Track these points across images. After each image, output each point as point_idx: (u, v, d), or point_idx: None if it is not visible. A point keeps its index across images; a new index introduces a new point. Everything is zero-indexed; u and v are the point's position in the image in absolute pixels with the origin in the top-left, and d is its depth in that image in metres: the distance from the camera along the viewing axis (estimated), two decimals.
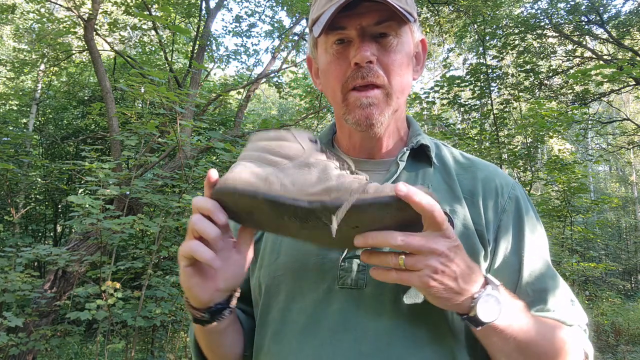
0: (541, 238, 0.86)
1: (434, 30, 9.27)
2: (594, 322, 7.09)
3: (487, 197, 0.84)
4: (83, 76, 9.49)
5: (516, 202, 0.85)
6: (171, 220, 3.84)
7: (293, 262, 0.82)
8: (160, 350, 5.02)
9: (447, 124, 7.43)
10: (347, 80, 0.80)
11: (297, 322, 0.79)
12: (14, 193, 7.24)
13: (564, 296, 0.83)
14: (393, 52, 0.80)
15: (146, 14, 6.38)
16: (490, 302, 0.67)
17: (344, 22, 0.78)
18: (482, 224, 0.81)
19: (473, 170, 0.88)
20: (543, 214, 6.63)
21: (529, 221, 0.84)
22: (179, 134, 4.25)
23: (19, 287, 3.65)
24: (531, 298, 0.80)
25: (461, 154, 0.93)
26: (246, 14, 8.41)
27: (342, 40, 0.80)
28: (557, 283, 0.83)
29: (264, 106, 19.21)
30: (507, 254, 0.82)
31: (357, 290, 0.77)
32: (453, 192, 0.84)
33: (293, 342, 0.78)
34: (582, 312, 0.84)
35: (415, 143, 0.88)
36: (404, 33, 0.82)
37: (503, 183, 0.86)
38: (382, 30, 0.79)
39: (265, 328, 0.84)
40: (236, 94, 8.54)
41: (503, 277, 0.80)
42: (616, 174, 21.61)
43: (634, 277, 15.22)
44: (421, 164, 0.88)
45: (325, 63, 0.83)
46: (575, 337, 0.81)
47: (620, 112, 13.15)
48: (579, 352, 0.80)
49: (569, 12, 8.60)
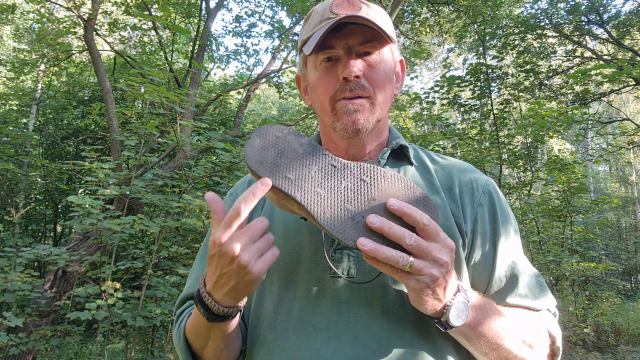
0: (513, 229, 0.92)
1: (434, 30, 9.27)
2: (594, 322, 7.09)
3: (463, 192, 0.91)
4: (83, 76, 9.49)
5: (490, 197, 0.92)
6: (171, 220, 3.84)
7: (286, 254, 0.87)
8: (160, 350, 5.02)
9: (447, 124, 7.43)
10: (335, 93, 0.88)
11: (292, 311, 0.83)
12: (14, 193, 7.25)
13: (534, 282, 0.89)
14: (377, 68, 0.89)
15: (146, 14, 6.38)
16: (460, 308, 0.72)
17: (332, 42, 0.87)
18: (460, 217, 0.88)
19: (450, 168, 0.95)
20: (543, 214, 6.64)
21: (502, 214, 0.91)
22: (179, 134, 4.25)
23: (19, 287, 3.65)
24: (504, 284, 0.87)
25: (437, 155, 1.01)
26: (246, 14, 8.41)
27: (331, 58, 0.88)
28: (528, 269, 0.90)
29: (264, 106, 19.22)
30: (483, 245, 0.88)
31: (348, 279, 0.83)
32: (433, 186, 0.91)
33: (289, 330, 0.82)
34: (550, 297, 0.90)
35: (395, 144, 0.96)
36: (386, 52, 0.91)
37: (478, 179, 0.94)
38: (366, 49, 0.88)
39: (260, 318, 0.88)
40: (236, 94, 8.55)
41: (479, 267, 0.87)
42: (616, 174, 21.62)
43: (634, 277, 15.22)
44: (402, 163, 0.96)
45: (315, 79, 0.91)
46: (541, 321, 0.87)
47: (620, 112, 13.16)
48: (543, 336, 0.85)
49: (569, 12, 8.60)
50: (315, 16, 0.91)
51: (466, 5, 7.75)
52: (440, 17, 8.96)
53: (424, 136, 6.43)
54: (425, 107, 6.77)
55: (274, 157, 0.72)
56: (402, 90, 5.93)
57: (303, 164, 0.72)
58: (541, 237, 6.38)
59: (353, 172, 0.71)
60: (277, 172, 0.71)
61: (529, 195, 7.11)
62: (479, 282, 0.88)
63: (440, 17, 8.96)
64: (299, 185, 0.70)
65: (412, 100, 6.75)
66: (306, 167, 0.71)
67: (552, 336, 0.87)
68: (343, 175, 0.71)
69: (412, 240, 0.66)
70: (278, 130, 0.74)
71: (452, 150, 6.84)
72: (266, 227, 0.71)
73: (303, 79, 1.00)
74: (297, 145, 0.73)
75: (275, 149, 0.72)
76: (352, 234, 0.68)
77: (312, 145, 0.74)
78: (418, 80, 19.26)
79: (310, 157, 0.72)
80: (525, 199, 6.90)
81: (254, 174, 0.71)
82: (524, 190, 6.92)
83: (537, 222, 6.52)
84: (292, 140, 0.73)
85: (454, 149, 6.80)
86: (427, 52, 7.78)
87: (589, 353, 6.29)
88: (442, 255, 0.68)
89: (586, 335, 6.52)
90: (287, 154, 0.72)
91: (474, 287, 0.86)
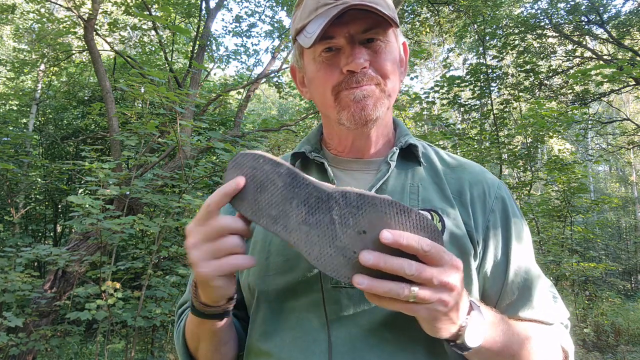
0: (526, 237, 0.87)
1: (434, 30, 9.27)
2: (594, 322, 7.09)
3: (474, 197, 0.85)
4: (83, 76, 9.48)
5: (502, 202, 0.87)
6: (171, 220, 3.84)
7: (284, 262, 0.81)
8: (160, 350, 5.02)
9: (447, 124, 7.43)
10: (339, 84, 0.81)
11: (289, 320, 0.79)
12: (14, 193, 7.24)
13: (547, 294, 0.85)
14: (383, 55, 0.82)
15: (146, 14, 6.38)
16: (476, 328, 0.67)
17: (331, 32, 0.78)
18: (471, 225, 0.82)
19: (460, 171, 0.89)
20: (543, 214, 6.64)
21: (515, 221, 0.86)
22: (179, 134, 4.25)
23: (19, 287, 3.65)
24: (516, 296, 0.82)
25: (447, 154, 0.94)
26: (246, 14, 8.42)
27: (331, 48, 0.81)
28: (541, 281, 0.85)
29: (264, 106, 19.22)
30: (496, 254, 0.83)
31: (350, 288, 0.77)
32: (442, 192, 0.85)
33: (286, 339, 0.78)
34: (563, 309, 0.86)
35: (404, 143, 0.89)
36: (390, 37, 0.83)
37: (490, 183, 0.88)
38: (369, 36, 0.80)
39: (255, 327, 0.84)
40: (236, 94, 8.54)
41: (491, 277, 0.82)
42: (616, 174, 21.61)
43: (634, 277, 15.21)
44: (410, 164, 0.89)
45: (314, 71, 0.84)
46: (554, 336, 0.83)
47: (620, 112, 13.15)
48: (557, 352, 0.82)
49: (569, 12, 8.60)
50: (310, 2, 0.81)
51: (466, 5, 7.74)
52: (440, 17, 8.95)
53: (424, 136, 6.43)
54: (425, 107, 6.77)
55: (254, 193, 0.68)
56: (402, 90, 5.94)
57: (284, 197, 0.67)
58: (541, 237, 6.38)
59: (339, 203, 0.64)
60: (259, 210, 0.67)
61: (529, 195, 7.10)
62: (490, 293, 0.83)
63: (440, 17, 8.96)
64: (283, 224, 0.66)
65: (412, 100, 6.75)
66: (288, 201, 0.66)
67: (565, 351, 0.83)
68: (328, 207, 0.65)
69: (412, 270, 0.59)
70: (253, 159, 0.69)
71: (452, 150, 6.84)
72: (228, 229, 0.67)
73: (299, 70, 0.93)
74: (276, 176, 0.68)
75: (254, 183, 0.68)
76: (345, 271, 0.62)
77: (292, 175, 0.68)
78: (418, 80, 19.25)
79: (291, 190, 0.67)
80: (525, 199, 6.90)
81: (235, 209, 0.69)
82: (524, 190, 6.92)
83: (537, 222, 6.52)
84: (270, 171, 0.68)
85: (454, 149, 6.80)
86: (427, 52, 7.78)
87: (589, 353, 6.29)
88: (449, 278, 0.61)
89: (586, 335, 6.51)
90: (267, 187, 0.68)
91: (485, 298, 0.83)
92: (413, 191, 0.84)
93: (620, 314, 8.30)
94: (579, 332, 6.44)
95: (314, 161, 0.91)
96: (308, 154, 0.91)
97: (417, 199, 0.83)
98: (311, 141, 0.95)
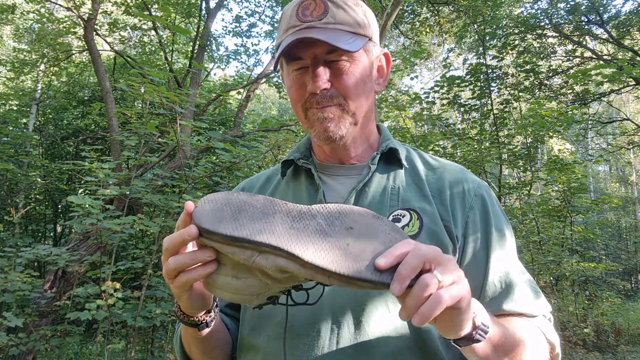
0: (507, 233, 0.90)
1: (434, 30, 9.27)
2: (594, 322, 7.09)
3: (454, 195, 0.89)
4: (83, 76, 9.49)
5: (482, 200, 0.90)
6: (171, 220, 3.84)
7: None
8: (160, 350, 5.02)
9: (447, 124, 7.43)
10: (305, 103, 0.87)
11: (276, 316, 0.82)
12: (14, 193, 7.25)
13: (529, 287, 0.87)
14: (346, 75, 0.85)
15: (146, 14, 6.38)
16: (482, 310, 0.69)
17: (300, 53, 0.84)
18: (450, 221, 0.85)
19: (441, 171, 0.94)
20: (543, 214, 6.64)
21: (495, 217, 0.89)
22: (179, 134, 4.25)
23: (19, 287, 3.65)
24: (498, 290, 0.84)
25: (430, 157, 0.99)
26: (246, 14, 8.41)
27: (300, 67, 0.86)
28: (523, 275, 0.87)
29: (264, 106, 19.23)
30: (475, 249, 0.86)
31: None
32: (422, 191, 0.89)
33: (272, 334, 0.82)
34: (545, 302, 0.89)
35: (385, 147, 0.94)
36: (358, 55, 0.86)
37: (470, 182, 0.91)
38: (333, 58, 0.84)
39: (244, 324, 0.89)
40: (236, 94, 8.54)
41: (472, 271, 0.83)
42: (616, 174, 21.62)
43: (634, 277, 15.22)
44: (393, 167, 0.93)
45: (288, 87, 0.90)
46: (539, 328, 0.84)
47: (620, 112, 13.16)
48: (542, 344, 0.83)
49: (569, 12, 8.61)
50: (284, 21, 0.87)
51: (466, 5, 7.74)
52: (440, 17, 8.96)
53: (424, 136, 6.43)
54: (425, 107, 6.77)
55: (232, 214, 0.63)
56: (402, 90, 5.91)
57: (266, 213, 0.64)
58: (541, 237, 6.38)
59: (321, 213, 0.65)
60: (241, 226, 0.61)
61: (529, 195, 7.10)
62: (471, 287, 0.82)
63: (440, 17, 8.96)
64: (270, 231, 0.61)
65: (412, 100, 6.76)
66: (270, 215, 0.64)
67: (551, 343, 0.85)
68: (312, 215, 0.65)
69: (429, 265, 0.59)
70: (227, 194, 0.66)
71: (452, 150, 6.84)
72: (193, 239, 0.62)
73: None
74: (253, 201, 0.66)
75: (230, 208, 0.64)
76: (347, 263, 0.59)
77: (269, 200, 0.67)
78: (418, 80, 19.26)
79: (271, 207, 0.65)
80: (525, 199, 6.90)
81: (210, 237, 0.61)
82: (524, 190, 6.92)
83: (537, 222, 6.52)
84: (246, 198, 0.66)
85: (454, 149, 6.81)
86: (427, 52, 7.78)
87: (589, 353, 6.29)
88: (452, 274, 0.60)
89: (586, 335, 6.51)
90: (246, 209, 0.64)
91: None
92: (394, 192, 0.89)
93: (620, 314, 8.31)
94: (579, 332, 6.44)
95: (302, 168, 0.96)
96: (297, 161, 0.96)
97: (397, 199, 0.88)
98: (301, 149, 1.00)
